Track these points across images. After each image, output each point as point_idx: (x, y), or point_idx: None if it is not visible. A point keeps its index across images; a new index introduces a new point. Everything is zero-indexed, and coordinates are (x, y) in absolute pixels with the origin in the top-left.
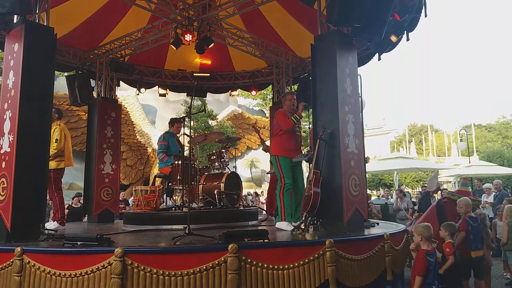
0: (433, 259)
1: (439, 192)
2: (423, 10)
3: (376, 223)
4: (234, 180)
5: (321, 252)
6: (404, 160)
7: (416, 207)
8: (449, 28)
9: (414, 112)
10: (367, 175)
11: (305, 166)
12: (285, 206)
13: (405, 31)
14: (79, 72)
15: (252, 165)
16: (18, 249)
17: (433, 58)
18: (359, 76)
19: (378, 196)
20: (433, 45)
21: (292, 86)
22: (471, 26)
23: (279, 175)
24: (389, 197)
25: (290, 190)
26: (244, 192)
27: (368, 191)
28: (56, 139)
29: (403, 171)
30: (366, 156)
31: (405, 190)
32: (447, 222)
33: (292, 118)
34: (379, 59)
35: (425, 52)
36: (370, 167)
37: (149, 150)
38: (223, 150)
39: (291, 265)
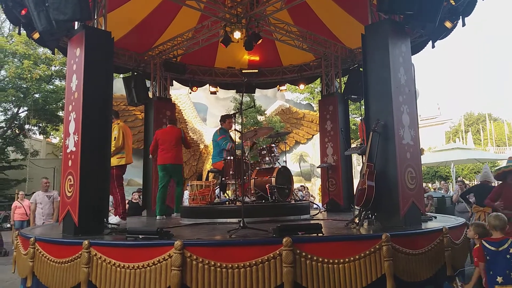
0: (494, 247)
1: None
2: None
3: (434, 216)
4: (285, 174)
5: (377, 247)
6: (462, 151)
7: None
8: (508, 9)
9: (471, 100)
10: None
11: (355, 159)
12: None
13: (460, 16)
14: (135, 73)
15: (301, 159)
16: (86, 242)
17: (490, 42)
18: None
19: (435, 188)
20: (490, 28)
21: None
22: None
23: None
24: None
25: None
26: (296, 186)
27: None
28: (115, 137)
29: (460, 163)
30: (420, 148)
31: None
32: (477, 222)
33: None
34: (433, 46)
35: (481, 36)
36: (425, 159)
37: (201, 146)
38: (273, 145)
39: (347, 259)
